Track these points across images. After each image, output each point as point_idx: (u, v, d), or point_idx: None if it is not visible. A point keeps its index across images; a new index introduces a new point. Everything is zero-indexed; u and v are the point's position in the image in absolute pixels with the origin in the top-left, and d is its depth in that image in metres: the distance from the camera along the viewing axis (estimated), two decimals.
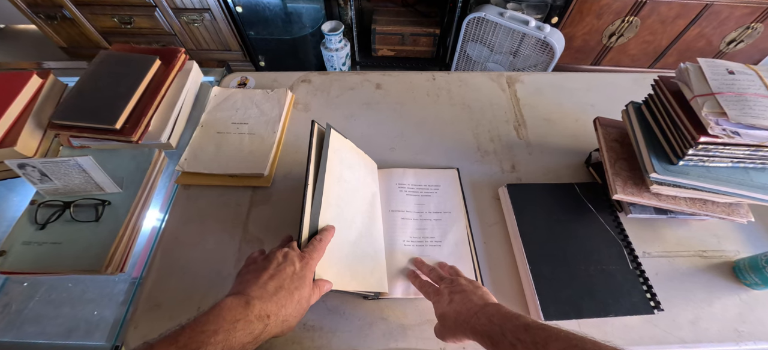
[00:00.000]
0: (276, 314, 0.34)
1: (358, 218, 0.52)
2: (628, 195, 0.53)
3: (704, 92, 0.47)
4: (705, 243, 0.58)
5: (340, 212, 0.48)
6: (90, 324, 0.59)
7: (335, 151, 0.51)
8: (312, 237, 0.42)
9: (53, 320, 0.59)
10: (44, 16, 1.60)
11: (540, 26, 1.42)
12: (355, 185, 0.54)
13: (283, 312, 0.35)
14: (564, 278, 0.50)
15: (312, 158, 0.47)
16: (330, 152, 0.49)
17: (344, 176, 0.52)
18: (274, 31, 1.72)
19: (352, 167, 0.55)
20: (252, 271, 0.38)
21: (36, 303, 0.59)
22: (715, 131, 0.44)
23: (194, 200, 0.61)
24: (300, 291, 0.37)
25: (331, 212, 0.46)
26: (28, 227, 0.54)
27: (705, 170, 0.51)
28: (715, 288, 0.54)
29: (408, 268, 0.53)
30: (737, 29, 1.64)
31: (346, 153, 0.54)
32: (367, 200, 0.56)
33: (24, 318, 0.57)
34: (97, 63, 0.68)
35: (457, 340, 0.39)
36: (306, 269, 0.38)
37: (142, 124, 0.63)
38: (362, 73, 0.84)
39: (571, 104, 0.79)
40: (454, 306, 0.40)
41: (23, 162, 0.52)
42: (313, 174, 0.46)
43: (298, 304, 0.36)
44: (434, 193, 0.61)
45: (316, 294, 0.39)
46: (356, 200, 0.54)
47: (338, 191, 0.49)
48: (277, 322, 0.34)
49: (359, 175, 0.56)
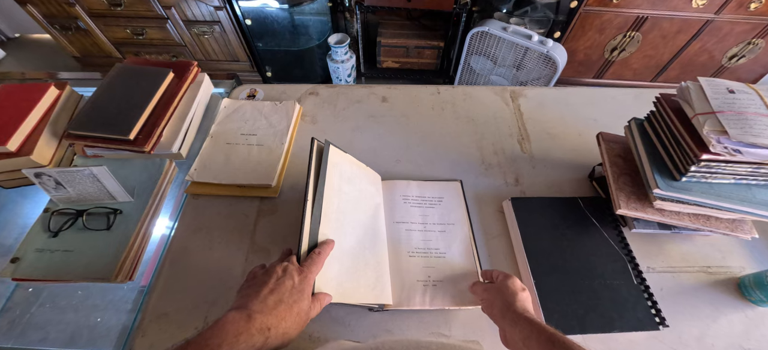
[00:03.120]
0: (276, 326, 0.35)
1: (360, 230, 0.53)
2: (631, 210, 0.54)
3: (705, 111, 0.48)
4: (709, 259, 0.58)
5: (340, 226, 0.49)
6: (93, 332, 0.60)
7: (334, 165, 0.52)
8: (311, 250, 0.43)
9: (57, 326, 0.59)
10: (59, 26, 1.65)
11: (543, 41, 1.44)
12: (355, 198, 0.55)
13: (283, 324, 0.36)
14: (568, 292, 0.51)
15: (311, 172, 0.48)
16: (329, 166, 0.51)
17: (344, 189, 0.53)
18: (281, 42, 1.76)
19: (351, 180, 0.56)
20: (252, 286, 0.39)
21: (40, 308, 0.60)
22: (716, 148, 0.45)
23: (203, 209, 0.62)
24: (299, 304, 0.38)
25: (330, 225, 0.47)
26: (42, 235, 0.56)
27: (708, 186, 0.51)
28: (721, 304, 0.54)
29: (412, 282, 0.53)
30: (738, 44, 1.65)
31: (346, 167, 0.56)
32: (369, 213, 0.57)
33: (28, 323, 0.58)
34: (113, 75, 0.70)
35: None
36: (304, 282, 0.40)
37: (155, 135, 0.64)
38: (368, 87, 0.86)
39: (573, 119, 0.80)
40: (500, 302, 0.43)
41: (39, 171, 0.53)
42: (312, 188, 0.47)
43: (298, 316, 0.38)
44: (438, 205, 0.62)
45: (317, 308, 0.41)
46: (357, 212, 0.55)
47: (338, 204, 0.50)
48: (278, 334, 0.35)
49: (360, 187, 0.57)
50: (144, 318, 0.51)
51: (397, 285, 0.52)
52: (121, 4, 1.53)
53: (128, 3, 1.53)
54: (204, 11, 1.57)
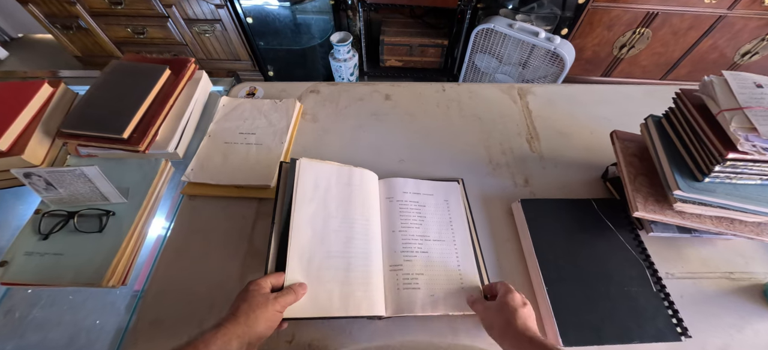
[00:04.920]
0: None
1: (343, 239, 0.50)
2: (649, 213, 0.51)
3: (732, 107, 0.44)
4: (732, 264, 0.55)
5: (319, 241, 0.49)
6: (91, 334, 0.58)
7: (305, 179, 0.52)
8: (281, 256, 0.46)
9: (55, 328, 0.58)
10: (60, 26, 1.64)
11: (550, 38, 1.40)
12: (338, 207, 0.53)
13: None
14: (583, 300, 0.48)
15: (280, 193, 0.50)
16: (299, 181, 0.51)
17: (321, 199, 0.52)
18: (283, 41, 1.73)
19: (329, 189, 0.54)
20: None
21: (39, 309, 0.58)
22: (744, 147, 0.42)
23: (199, 211, 0.60)
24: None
25: (305, 235, 0.48)
26: (32, 237, 0.54)
27: (732, 187, 0.48)
28: (745, 312, 0.51)
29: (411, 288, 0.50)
30: (752, 41, 1.60)
31: (322, 175, 0.54)
32: (359, 219, 0.53)
33: (27, 325, 0.57)
34: (107, 72, 0.68)
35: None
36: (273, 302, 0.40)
37: (150, 134, 0.62)
38: (371, 84, 0.83)
39: (584, 117, 0.77)
40: (500, 322, 0.41)
41: (29, 171, 0.51)
42: (281, 203, 0.50)
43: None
44: (437, 205, 0.59)
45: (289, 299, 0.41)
46: (343, 221, 0.52)
47: (313, 219, 0.50)
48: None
49: (345, 194, 0.55)
50: (136, 325, 0.49)
51: (393, 292, 0.49)
52: (122, 2, 1.51)
53: (129, 2, 1.52)
54: (205, 10, 1.56)
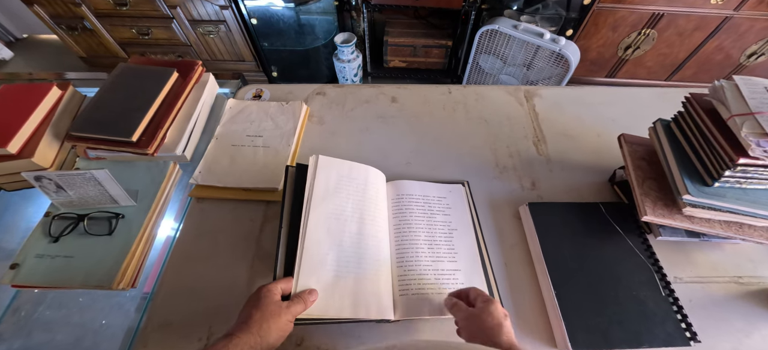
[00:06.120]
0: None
1: (356, 241, 0.50)
2: (658, 217, 0.51)
3: (743, 112, 0.44)
4: (741, 269, 0.55)
5: (330, 240, 0.49)
6: (98, 335, 0.59)
7: (323, 171, 0.53)
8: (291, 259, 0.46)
9: (63, 328, 0.59)
10: (65, 27, 1.65)
11: (555, 39, 1.40)
12: (348, 207, 0.53)
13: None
14: (592, 305, 0.48)
15: (287, 196, 0.50)
16: (319, 175, 0.52)
17: (332, 200, 0.52)
18: (287, 42, 1.74)
19: (339, 189, 0.54)
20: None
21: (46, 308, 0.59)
22: (755, 152, 0.42)
23: (207, 213, 0.60)
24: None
25: (319, 236, 0.48)
26: (42, 240, 0.54)
27: (742, 192, 0.48)
28: (754, 317, 0.51)
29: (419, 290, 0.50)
30: (758, 42, 1.59)
31: (332, 175, 0.55)
32: (370, 221, 0.53)
33: (34, 324, 0.58)
34: (116, 75, 0.68)
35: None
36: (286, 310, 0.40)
37: (158, 137, 0.62)
38: (377, 86, 0.83)
39: (591, 119, 0.76)
40: (481, 337, 0.39)
41: (40, 174, 0.51)
42: (288, 206, 0.50)
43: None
44: (443, 208, 0.59)
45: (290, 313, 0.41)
46: (352, 222, 0.52)
47: (329, 211, 0.51)
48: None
49: (357, 194, 0.55)
50: (146, 327, 0.49)
51: (401, 295, 0.49)
52: (127, 3, 1.52)
53: (134, 3, 1.53)
54: (209, 11, 1.56)
